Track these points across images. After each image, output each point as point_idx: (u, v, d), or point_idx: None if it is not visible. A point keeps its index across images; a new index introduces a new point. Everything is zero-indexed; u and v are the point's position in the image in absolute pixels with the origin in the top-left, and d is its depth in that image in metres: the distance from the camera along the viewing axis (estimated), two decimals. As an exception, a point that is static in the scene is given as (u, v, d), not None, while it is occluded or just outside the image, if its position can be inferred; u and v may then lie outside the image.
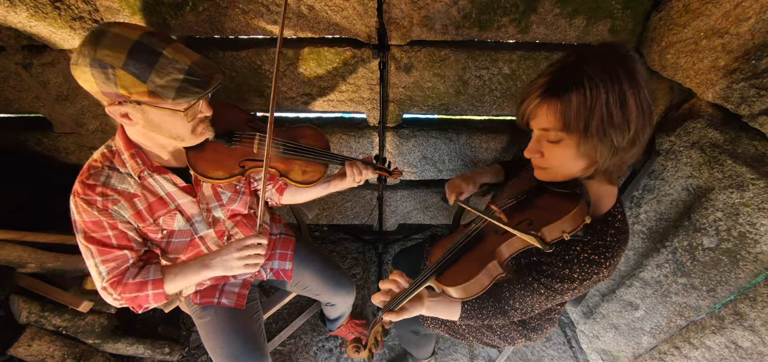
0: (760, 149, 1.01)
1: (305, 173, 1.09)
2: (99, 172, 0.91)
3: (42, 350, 1.43)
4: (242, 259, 0.95)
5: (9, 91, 1.44)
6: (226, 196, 1.12)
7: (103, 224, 0.91)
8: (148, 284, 0.95)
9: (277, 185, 1.28)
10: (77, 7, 1.20)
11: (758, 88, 0.98)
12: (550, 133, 0.73)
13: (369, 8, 1.23)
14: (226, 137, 1.02)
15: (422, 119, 1.76)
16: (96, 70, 0.72)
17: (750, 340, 1.07)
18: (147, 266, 0.99)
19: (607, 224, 0.79)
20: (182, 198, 1.02)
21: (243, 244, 0.96)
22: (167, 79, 0.75)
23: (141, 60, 0.73)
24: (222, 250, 0.98)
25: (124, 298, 0.95)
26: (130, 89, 0.74)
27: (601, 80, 0.65)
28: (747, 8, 0.97)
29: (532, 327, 1.15)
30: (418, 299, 0.97)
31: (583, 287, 0.82)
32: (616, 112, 0.65)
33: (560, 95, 0.68)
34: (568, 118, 0.68)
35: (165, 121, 0.83)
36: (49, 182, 1.77)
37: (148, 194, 0.97)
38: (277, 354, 1.80)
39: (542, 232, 0.73)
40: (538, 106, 0.72)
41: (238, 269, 0.96)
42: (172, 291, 1.00)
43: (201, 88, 0.79)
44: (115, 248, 0.94)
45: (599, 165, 0.73)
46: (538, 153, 0.78)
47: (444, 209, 2.12)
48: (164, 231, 1.02)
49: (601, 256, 0.77)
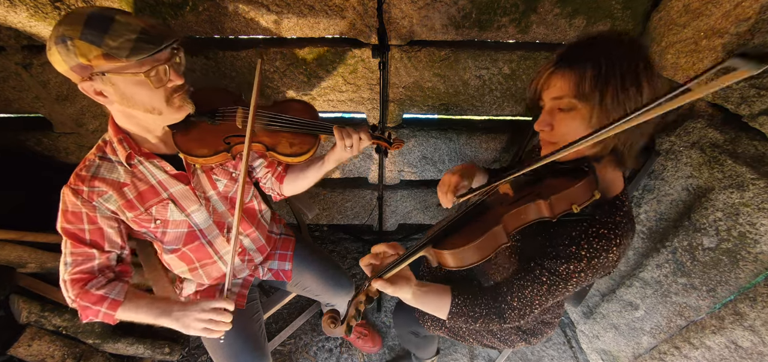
0: (760, 149, 1.01)
1: (293, 146, 1.04)
2: (91, 164, 0.94)
3: (42, 350, 1.43)
4: (202, 322, 0.95)
5: (9, 91, 1.44)
6: (222, 184, 1.10)
7: (81, 216, 0.93)
8: (106, 301, 0.95)
9: (276, 173, 1.25)
10: (77, 7, 1.20)
11: (758, 89, 0.98)
12: (563, 101, 0.73)
13: (369, 8, 1.23)
14: (210, 115, 1.01)
15: (422, 119, 1.76)
16: (60, 46, 0.75)
17: (750, 340, 1.07)
18: (114, 282, 0.99)
19: (615, 207, 0.79)
20: (174, 186, 1.02)
21: (208, 306, 0.95)
22: (120, 41, 0.77)
23: (96, 28, 0.76)
24: (188, 305, 0.98)
25: (77, 302, 0.95)
26: (88, 55, 0.76)
27: (617, 55, 0.67)
28: (747, 8, 0.97)
29: (531, 331, 1.14)
30: (406, 280, 0.88)
31: (590, 268, 0.78)
32: (628, 76, 0.67)
33: (575, 65, 0.70)
34: (582, 85, 0.69)
35: (135, 91, 0.84)
36: (49, 182, 1.77)
37: (139, 182, 0.97)
38: (277, 354, 1.80)
39: (551, 200, 0.70)
40: (552, 75, 0.74)
41: (196, 331, 0.96)
42: (123, 318, 0.99)
43: (154, 45, 0.79)
44: (86, 244, 0.94)
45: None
46: (549, 125, 0.77)
47: (444, 209, 2.12)
48: (158, 221, 1.02)
49: (611, 232, 0.76)
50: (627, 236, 0.78)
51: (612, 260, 0.78)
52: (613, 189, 0.83)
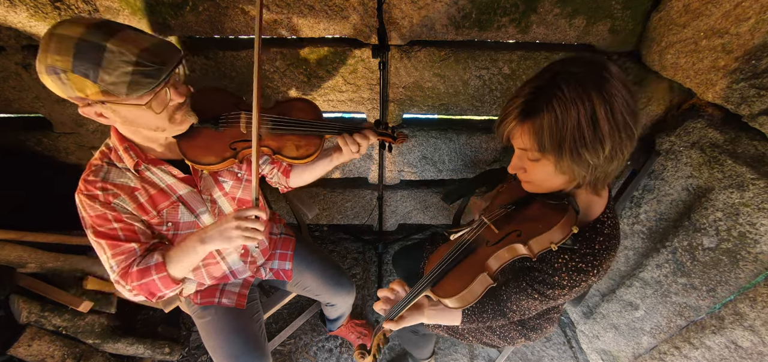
0: (760, 149, 1.01)
1: (299, 148, 1.03)
2: (99, 169, 0.93)
3: (42, 350, 1.43)
4: (240, 229, 0.91)
5: (9, 91, 1.44)
6: (228, 185, 1.10)
7: (108, 217, 0.91)
8: (151, 269, 0.94)
9: (282, 168, 1.24)
10: (77, 7, 1.20)
11: (758, 88, 0.98)
12: (529, 153, 0.74)
13: (369, 8, 1.23)
14: (213, 122, 1.00)
15: (422, 119, 1.76)
16: (52, 76, 0.71)
17: (750, 340, 1.07)
18: (149, 253, 0.98)
19: (595, 232, 0.81)
20: (183, 189, 1.02)
21: (241, 214, 0.91)
22: (116, 75, 0.72)
23: (87, 59, 0.70)
24: (219, 222, 0.94)
25: (134, 287, 0.94)
26: (86, 91, 0.73)
27: (571, 101, 0.64)
28: (747, 8, 0.97)
29: (531, 326, 1.15)
30: (418, 308, 1.00)
31: (573, 293, 0.84)
32: (588, 132, 0.64)
33: (533, 118, 0.69)
34: (542, 140, 0.68)
35: (137, 115, 0.82)
36: (49, 182, 1.77)
37: (149, 186, 0.97)
38: (277, 354, 1.80)
39: (529, 244, 0.75)
40: (515, 128, 0.74)
41: (237, 239, 0.91)
42: (178, 273, 0.97)
43: (153, 79, 0.76)
44: (124, 241, 0.93)
45: (580, 180, 0.74)
46: (522, 170, 0.80)
47: (444, 209, 2.12)
48: (169, 223, 1.02)
49: (588, 264, 0.79)
50: (607, 259, 0.80)
51: (593, 282, 0.82)
52: (595, 210, 0.83)
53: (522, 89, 0.72)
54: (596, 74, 0.65)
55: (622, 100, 0.64)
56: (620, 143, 0.67)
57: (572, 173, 0.72)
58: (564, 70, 0.67)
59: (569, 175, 0.73)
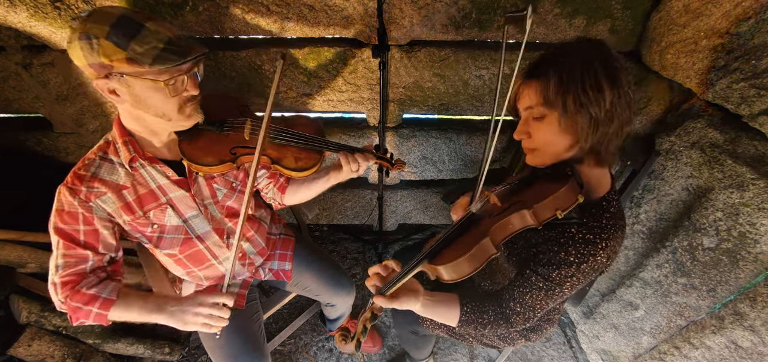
0: (760, 149, 1.01)
1: (298, 160, 1.05)
2: (91, 163, 0.93)
3: (42, 350, 1.43)
4: (201, 316, 0.94)
5: (9, 91, 1.44)
6: (221, 193, 1.10)
7: (77, 217, 0.91)
8: (97, 300, 0.92)
9: (278, 184, 1.26)
10: (77, 7, 1.20)
11: (758, 88, 0.98)
12: (534, 110, 0.78)
13: (369, 8, 1.23)
14: (218, 125, 1.01)
15: (422, 119, 1.76)
16: (83, 42, 0.75)
17: (750, 340, 1.07)
18: (107, 281, 0.96)
19: (602, 209, 0.81)
20: (174, 192, 1.01)
21: (207, 301, 0.94)
22: (146, 48, 0.77)
23: (123, 31, 0.76)
24: (185, 300, 0.96)
25: (67, 304, 0.92)
26: (112, 57, 0.76)
27: (575, 60, 0.72)
28: (747, 8, 0.97)
29: (531, 327, 1.15)
30: (414, 292, 0.91)
31: (580, 272, 0.81)
32: (588, 81, 0.70)
33: (539, 76, 0.76)
34: (548, 93, 0.74)
35: (150, 95, 0.83)
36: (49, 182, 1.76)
37: (139, 185, 0.97)
38: (277, 354, 1.80)
39: (535, 209, 0.74)
40: (522, 87, 0.80)
41: (193, 326, 0.94)
42: (116, 319, 0.96)
43: (179, 56, 0.80)
44: (80, 245, 0.92)
45: (583, 141, 0.76)
46: (526, 133, 0.82)
47: (444, 209, 2.12)
48: (155, 226, 1.01)
49: (597, 236, 0.79)
50: (614, 237, 0.79)
51: (601, 261, 0.80)
52: (600, 189, 0.84)
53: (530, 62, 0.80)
54: (595, 47, 0.74)
55: (619, 64, 0.72)
56: (619, 100, 0.71)
57: (575, 131, 0.75)
58: (567, 44, 0.77)
59: (572, 134, 0.76)
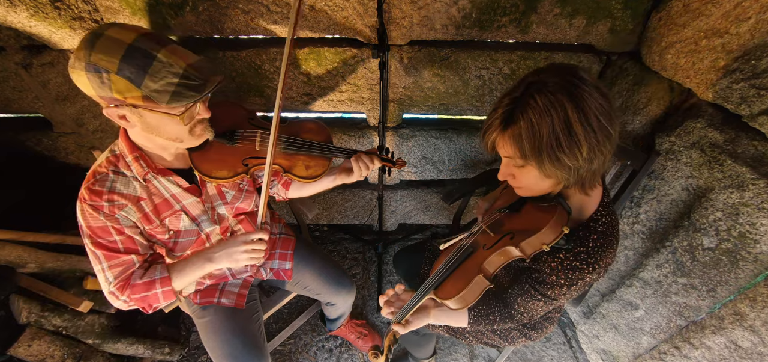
0: (760, 149, 1.01)
1: (309, 168, 1.09)
2: (105, 177, 0.91)
3: (42, 350, 1.42)
4: (247, 252, 0.98)
5: (9, 91, 1.44)
6: (230, 195, 1.12)
7: (110, 230, 0.91)
8: (156, 282, 0.97)
9: (282, 181, 1.28)
10: (77, 7, 1.20)
11: (758, 88, 0.98)
12: (514, 160, 0.77)
13: (369, 8, 1.23)
14: (228, 136, 1.02)
15: (422, 119, 1.76)
16: (92, 74, 0.71)
17: (750, 340, 1.07)
18: (153, 266, 1.01)
19: (589, 230, 0.82)
20: (187, 199, 1.03)
21: (248, 238, 0.99)
22: (162, 84, 0.74)
23: (135, 64, 0.71)
24: (226, 243, 1.00)
25: (133, 299, 0.95)
26: (125, 94, 0.73)
27: (544, 109, 0.67)
28: (747, 8, 0.97)
29: (532, 326, 1.16)
30: (424, 310, 1.04)
31: (573, 291, 0.86)
32: (563, 137, 0.67)
33: (511, 127, 0.72)
34: (523, 147, 0.71)
35: (163, 124, 0.83)
36: (49, 182, 1.77)
37: (153, 195, 0.97)
38: (277, 354, 1.80)
39: (522, 246, 0.78)
40: (497, 137, 0.77)
41: (243, 261, 0.99)
42: (180, 287, 1.01)
43: (196, 92, 0.78)
44: (123, 253, 0.94)
45: (565, 182, 0.76)
46: (511, 176, 0.83)
47: (444, 209, 2.12)
48: (171, 232, 1.03)
49: (583, 262, 0.80)
50: (603, 257, 0.80)
51: (591, 279, 0.83)
52: (588, 209, 0.85)
53: (501, 101, 0.75)
54: (567, 82, 0.67)
55: (595, 103, 0.66)
56: (597, 145, 0.68)
57: (556, 176, 0.74)
58: (536, 80, 0.70)
59: (554, 178, 0.75)
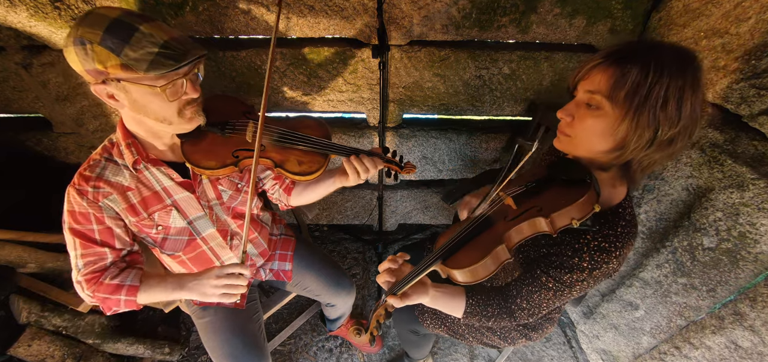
0: (760, 149, 1.01)
1: (302, 164, 1.02)
2: (96, 163, 0.93)
3: (42, 350, 1.43)
4: (219, 288, 0.93)
5: (9, 91, 1.44)
6: (226, 194, 1.11)
7: (89, 217, 0.92)
8: (123, 288, 0.96)
9: (284, 185, 1.26)
10: (77, 7, 1.20)
11: (758, 88, 0.98)
12: (594, 96, 0.70)
13: (369, 8, 1.23)
14: (220, 127, 1.00)
15: (422, 119, 1.76)
16: (78, 47, 0.74)
17: (750, 340, 1.07)
18: (127, 270, 0.99)
19: (617, 216, 0.79)
20: (179, 194, 1.01)
21: (223, 272, 0.93)
22: (141, 53, 0.75)
23: (117, 35, 0.74)
24: (202, 274, 0.96)
25: (96, 296, 0.95)
26: (106, 63, 0.75)
27: (668, 69, 0.63)
28: (747, 8, 0.97)
29: (532, 326, 1.15)
30: (423, 286, 0.93)
31: (592, 278, 0.80)
32: (671, 102, 0.64)
33: (622, 64, 0.66)
34: (621, 87, 0.66)
35: (148, 100, 0.83)
36: (49, 181, 1.77)
37: (143, 187, 0.97)
38: (277, 354, 1.80)
39: (552, 218, 0.71)
40: (596, 67, 0.71)
41: (214, 297, 0.94)
42: (145, 302, 1.00)
43: (174, 61, 0.78)
44: (97, 244, 0.94)
45: (626, 152, 0.71)
46: (570, 116, 0.76)
47: (444, 209, 2.12)
48: (160, 227, 1.02)
49: (612, 245, 0.77)
50: (628, 244, 0.78)
51: (613, 268, 0.79)
52: (616, 197, 0.82)
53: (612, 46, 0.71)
54: (692, 63, 0.65)
55: (704, 96, 0.66)
56: (686, 131, 0.66)
57: (628, 139, 0.69)
58: (664, 45, 0.68)
59: (621, 141, 0.70)
